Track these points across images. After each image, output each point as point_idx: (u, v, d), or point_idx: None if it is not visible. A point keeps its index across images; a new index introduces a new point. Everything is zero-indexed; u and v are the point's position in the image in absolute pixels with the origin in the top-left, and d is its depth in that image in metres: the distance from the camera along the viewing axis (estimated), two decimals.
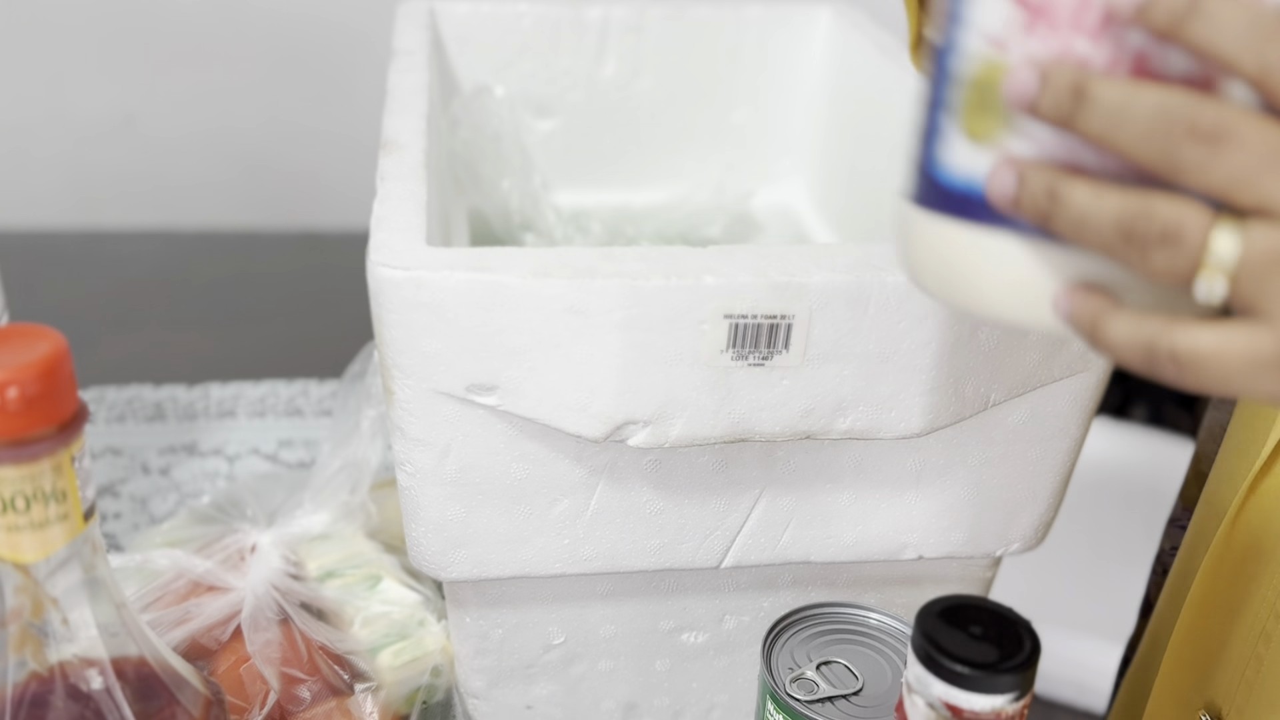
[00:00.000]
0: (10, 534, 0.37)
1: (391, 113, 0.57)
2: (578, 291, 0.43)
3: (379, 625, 0.59)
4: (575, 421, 0.46)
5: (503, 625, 0.54)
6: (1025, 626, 0.39)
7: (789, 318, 0.45)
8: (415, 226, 0.46)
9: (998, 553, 0.55)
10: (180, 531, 0.64)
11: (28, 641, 0.39)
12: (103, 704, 0.39)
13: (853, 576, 0.57)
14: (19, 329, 0.36)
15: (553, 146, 0.81)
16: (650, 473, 0.49)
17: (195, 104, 1.22)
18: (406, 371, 0.45)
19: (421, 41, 0.68)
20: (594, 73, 0.80)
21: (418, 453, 0.47)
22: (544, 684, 0.57)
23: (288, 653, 0.57)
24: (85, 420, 0.37)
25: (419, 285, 0.43)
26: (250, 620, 0.57)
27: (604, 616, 0.55)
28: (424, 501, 0.49)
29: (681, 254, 0.45)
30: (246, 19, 1.20)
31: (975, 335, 0.47)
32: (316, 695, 0.56)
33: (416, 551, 0.51)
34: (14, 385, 0.34)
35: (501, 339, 0.44)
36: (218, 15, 1.20)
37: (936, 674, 0.38)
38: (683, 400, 0.46)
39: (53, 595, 0.38)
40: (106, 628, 0.40)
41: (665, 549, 0.51)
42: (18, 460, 0.35)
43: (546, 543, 0.50)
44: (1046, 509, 0.54)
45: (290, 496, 0.65)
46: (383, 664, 0.58)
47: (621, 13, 0.78)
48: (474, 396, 0.45)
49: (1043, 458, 0.52)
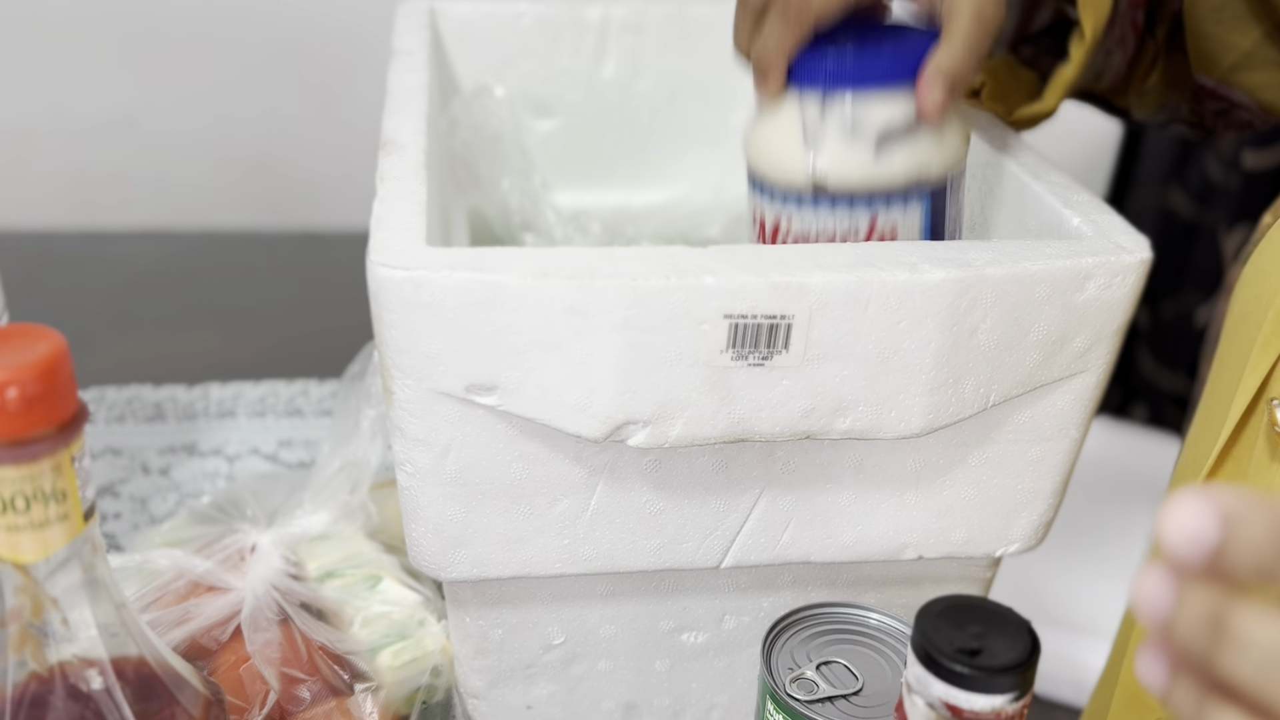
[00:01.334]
0: (10, 534, 0.37)
1: (391, 113, 0.57)
2: (578, 291, 0.43)
3: (379, 625, 0.59)
4: (575, 421, 0.46)
5: (502, 625, 0.54)
6: (1025, 626, 0.39)
7: (789, 318, 0.45)
8: (415, 226, 0.46)
9: (998, 553, 0.55)
10: (180, 532, 0.65)
11: (27, 641, 0.39)
12: (102, 704, 0.39)
13: (853, 576, 0.57)
14: (19, 329, 0.36)
15: (552, 146, 0.81)
16: (650, 473, 0.49)
17: (195, 104, 1.22)
18: (406, 371, 0.45)
19: (421, 41, 0.68)
20: (594, 73, 0.80)
21: (417, 453, 0.47)
22: (544, 684, 0.57)
23: (287, 653, 0.57)
24: (85, 420, 0.37)
25: (419, 285, 0.43)
26: (250, 620, 0.57)
27: (604, 616, 0.55)
28: (424, 501, 0.49)
29: (681, 254, 0.45)
30: (246, 19, 1.20)
31: (975, 335, 0.47)
32: (316, 695, 0.56)
33: (416, 551, 0.51)
34: (14, 385, 0.34)
35: (501, 339, 0.44)
36: (218, 15, 1.20)
37: (936, 674, 0.38)
38: (682, 400, 0.46)
39: (52, 595, 0.38)
40: (106, 628, 0.40)
41: (665, 549, 0.51)
42: (17, 460, 0.35)
43: (546, 543, 0.50)
44: (1046, 509, 0.54)
45: (290, 496, 0.65)
46: (382, 664, 0.58)
47: (621, 13, 0.78)
48: (474, 396, 0.45)
49: (1043, 458, 0.52)
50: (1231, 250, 1.18)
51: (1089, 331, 0.48)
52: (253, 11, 1.20)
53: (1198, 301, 1.20)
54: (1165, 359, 1.24)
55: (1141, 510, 0.84)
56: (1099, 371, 0.50)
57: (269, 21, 1.21)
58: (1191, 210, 1.19)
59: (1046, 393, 0.50)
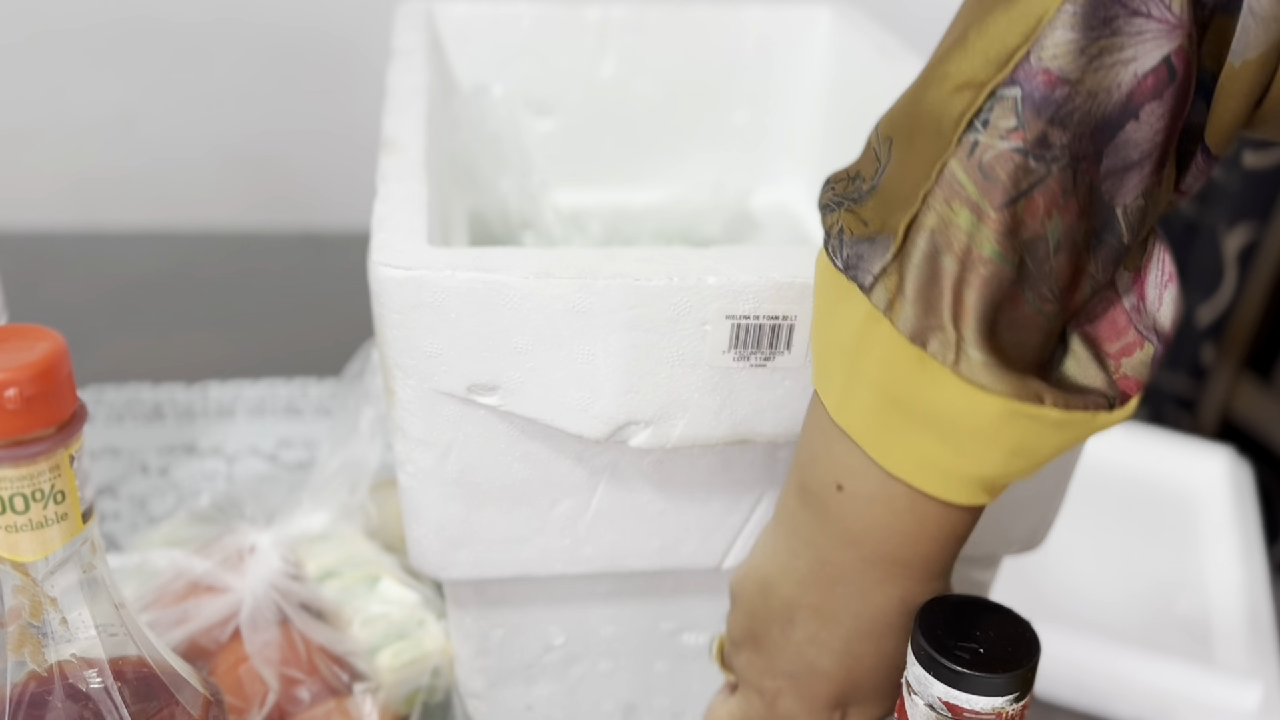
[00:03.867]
0: (9, 534, 0.37)
1: (391, 113, 0.57)
2: (580, 292, 0.43)
3: (378, 626, 0.59)
4: (577, 422, 0.46)
5: (503, 626, 0.54)
6: (1025, 626, 0.39)
7: (791, 318, 0.45)
8: (417, 226, 0.46)
9: (998, 554, 0.55)
10: (179, 532, 0.64)
11: (26, 642, 0.39)
12: (101, 704, 0.39)
13: None
14: (18, 329, 0.36)
15: (552, 146, 0.81)
16: (651, 473, 0.49)
17: (193, 104, 1.22)
18: (408, 371, 0.45)
19: (420, 41, 0.68)
20: (593, 72, 0.80)
21: (419, 453, 0.47)
22: (544, 685, 0.57)
23: (287, 653, 0.57)
24: (84, 420, 0.37)
25: (421, 285, 0.43)
26: (249, 621, 0.57)
27: (604, 617, 0.55)
28: (425, 502, 0.49)
29: (683, 254, 0.45)
30: (246, 20, 1.20)
31: None
32: (315, 696, 0.56)
33: (417, 552, 0.51)
34: (13, 385, 0.34)
35: (503, 339, 0.44)
36: (216, 16, 1.19)
37: (936, 674, 0.38)
38: (684, 401, 0.46)
39: (51, 595, 0.38)
40: (105, 628, 0.40)
41: (666, 549, 0.51)
42: (16, 460, 0.35)
43: (547, 543, 0.50)
44: (1047, 510, 0.54)
45: (289, 497, 0.65)
46: (382, 664, 0.58)
47: (621, 13, 0.78)
48: (475, 397, 0.45)
49: None
50: (1232, 250, 1.18)
51: None
52: (252, 12, 1.20)
53: (1198, 301, 1.20)
54: (1165, 359, 1.25)
55: (1142, 510, 0.84)
56: None
57: (268, 21, 1.21)
58: (1191, 210, 1.19)
59: None
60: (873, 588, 0.41)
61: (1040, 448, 0.36)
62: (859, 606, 0.42)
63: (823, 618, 0.42)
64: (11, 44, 1.17)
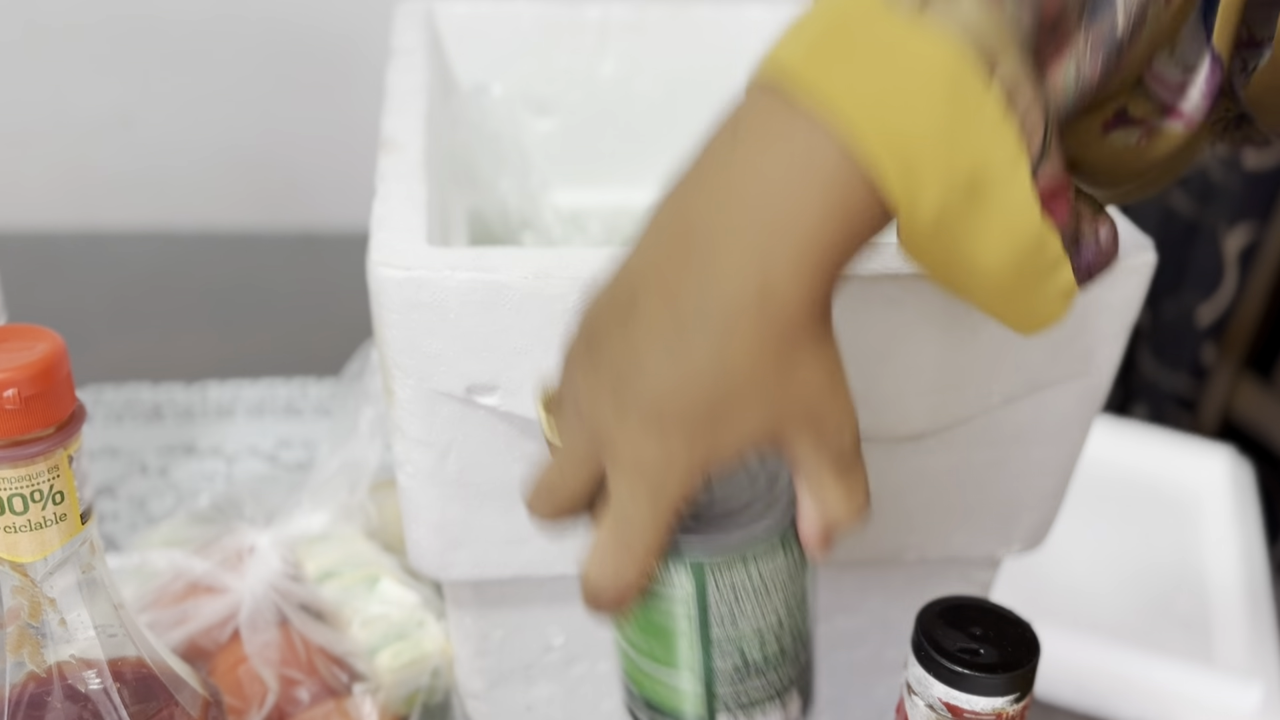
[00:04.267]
0: (8, 535, 0.37)
1: (390, 112, 0.57)
2: (579, 292, 0.43)
3: (378, 626, 0.59)
4: None
5: (503, 626, 0.54)
6: (1025, 627, 0.39)
7: None
8: (416, 226, 0.46)
9: (998, 554, 0.55)
10: (178, 532, 0.64)
11: (25, 642, 0.39)
12: (100, 705, 0.39)
13: (854, 577, 0.56)
14: (17, 329, 0.36)
15: (551, 146, 0.81)
16: None
17: (193, 104, 1.22)
18: (407, 372, 0.45)
19: (420, 41, 0.68)
20: (593, 72, 0.80)
21: (418, 453, 0.47)
22: (544, 685, 0.57)
23: (286, 654, 0.57)
24: (83, 421, 0.37)
25: (420, 285, 0.43)
26: (248, 621, 0.57)
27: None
28: (424, 502, 0.48)
29: None
30: (244, 19, 1.20)
31: (976, 335, 0.46)
32: (315, 696, 0.56)
33: (416, 552, 0.51)
34: (12, 386, 0.34)
35: (503, 339, 0.44)
36: (215, 15, 1.19)
37: (936, 675, 0.38)
38: None
39: (50, 596, 0.38)
40: (104, 628, 0.40)
41: None
42: (15, 461, 0.35)
43: (547, 543, 0.50)
44: (1047, 510, 0.54)
45: (289, 497, 0.65)
46: (381, 665, 0.58)
47: (621, 12, 0.78)
48: (475, 397, 0.45)
49: (1045, 460, 0.52)
50: (1232, 250, 1.18)
51: (1092, 333, 0.48)
52: (251, 11, 1.20)
53: (1198, 301, 1.20)
54: (1165, 359, 1.24)
55: (1142, 510, 0.84)
56: (1103, 373, 0.50)
57: (267, 21, 1.21)
58: (1192, 210, 1.19)
59: (1049, 394, 0.50)
60: (730, 264, 0.36)
61: (971, 138, 0.33)
62: (709, 285, 0.36)
63: (666, 297, 0.36)
64: (11, 44, 1.17)
